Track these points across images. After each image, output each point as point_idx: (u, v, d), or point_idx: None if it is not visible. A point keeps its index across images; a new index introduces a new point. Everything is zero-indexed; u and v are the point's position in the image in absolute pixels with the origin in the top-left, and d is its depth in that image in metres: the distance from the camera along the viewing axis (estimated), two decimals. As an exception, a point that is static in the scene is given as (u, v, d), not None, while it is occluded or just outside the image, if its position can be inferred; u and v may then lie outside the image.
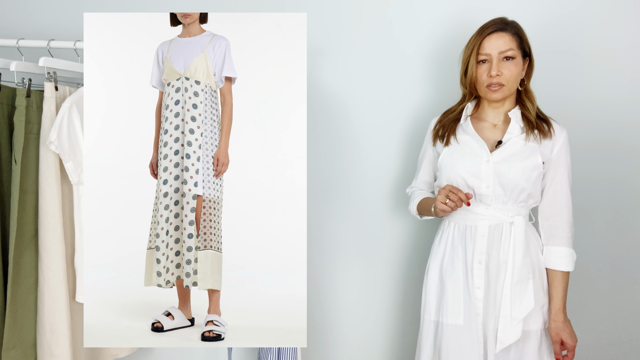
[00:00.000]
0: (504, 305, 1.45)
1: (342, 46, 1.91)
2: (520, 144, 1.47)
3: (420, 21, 1.88)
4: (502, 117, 1.54)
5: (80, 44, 1.64)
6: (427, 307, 1.57)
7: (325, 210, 1.98)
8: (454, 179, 1.50)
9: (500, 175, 1.45)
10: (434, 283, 1.57)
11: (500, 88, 1.46)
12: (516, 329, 1.43)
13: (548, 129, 1.48)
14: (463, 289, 1.50)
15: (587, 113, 1.84)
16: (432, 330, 1.56)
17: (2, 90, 1.55)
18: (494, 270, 1.47)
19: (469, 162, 1.48)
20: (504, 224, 1.47)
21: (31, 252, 1.56)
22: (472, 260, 1.49)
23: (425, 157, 1.67)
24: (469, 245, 1.50)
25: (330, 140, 1.95)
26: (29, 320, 1.56)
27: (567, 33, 1.82)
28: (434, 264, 1.58)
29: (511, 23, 1.48)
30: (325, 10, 1.91)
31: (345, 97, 1.93)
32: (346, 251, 1.99)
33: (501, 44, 1.44)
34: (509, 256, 1.45)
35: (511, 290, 1.44)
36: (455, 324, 1.50)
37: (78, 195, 1.60)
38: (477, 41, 1.47)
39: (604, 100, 1.83)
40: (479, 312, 1.48)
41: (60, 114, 1.52)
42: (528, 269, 1.46)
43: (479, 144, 1.50)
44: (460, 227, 1.53)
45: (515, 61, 1.45)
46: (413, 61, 1.89)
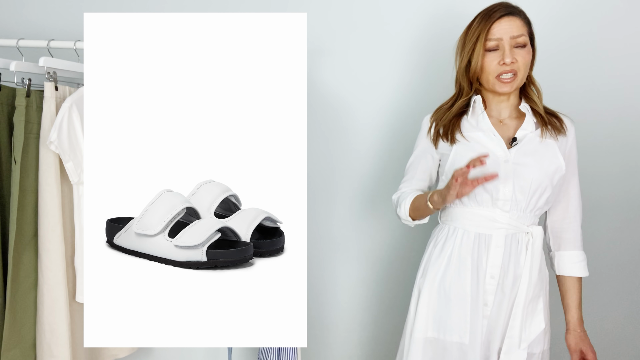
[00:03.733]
0: (513, 324, 1.29)
1: (342, 46, 1.91)
2: (536, 141, 1.31)
3: (420, 21, 1.88)
4: (507, 112, 1.38)
5: (80, 44, 1.65)
6: (419, 322, 1.37)
7: (326, 210, 1.98)
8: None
9: (520, 177, 1.28)
10: (432, 298, 1.37)
11: (513, 78, 1.29)
12: (522, 351, 1.29)
13: (560, 124, 1.34)
14: (470, 305, 1.32)
15: (601, 110, 1.82)
16: (424, 348, 1.37)
17: (2, 90, 1.55)
18: (508, 286, 1.30)
19: (486, 162, 1.29)
20: (521, 234, 1.31)
21: (31, 252, 1.56)
22: (484, 274, 1.31)
23: (422, 160, 1.45)
24: (482, 257, 1.31)
25: (330, 140, 1.95)
26: (28, 320, 1.56)
27: (581, 29, 1.80)
28: (432, 275, 1.38)
29: (518, 7, 1.33)
30: (325, 10, 1.91)
31: (345, 97, 1.93)
32: (346, 251, 1.98)
33: (513, 28, 1.27)
34: (524, 271, 1.29)
35: (523, 310, 1.28)
36: (460, 342, 1.33)
37: (78, 195, 1.60)
38: (485, 26, 1.28)
39: (617, 96, 1.82)
40: (483, 330, 1.32)
41: (60, 114, 1.52)
42: (541, 285, 1.32)
43: (494, 141, 1.32)
44: (470, 235, 1.33)
45: (527, 48, 1.29)
46: (413, 61, 1.89)
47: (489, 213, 1.31)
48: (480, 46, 1.29)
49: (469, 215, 1.34)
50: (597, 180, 1.84)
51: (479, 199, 1.31)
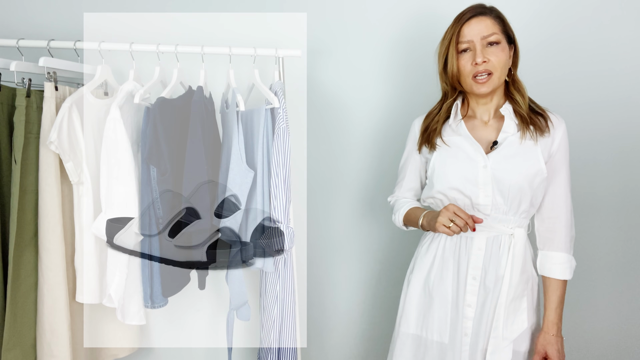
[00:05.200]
0: (496, 324, 1.32)
1: (342, 46, 1.91)
2: (516, 144, 1.32)
3: (421, 21, 1.88)
4: (492, 113, 1.39)
5: (80, 44, 1.64)
6: (406, 318, 1.44)
7: (326, 210, 1.98)
8: (449, 187, 1.35)
9: (500, 182, 1.30)
10: (417, 294, 1.42)
11: (488, 78, 1.30)
12: (507, 350, 1.31)
13: (545, 123, 1.33)
14: (451, 305, 1.37)
15: (596, 113, 1.84)
16: (409, 344, 1.43)
17: (2, 90, 1.55)
18: (489, 287, 1.33)
19: (464, 168, 1.33)
20: (503, 236, 1.33)
21: (31, 252, 1.56)
22: (465, 275, 1.35)
23: (410, 162, 1.51)
24: (462, 259, 1.36)
25: (330, 140, 1.95)
26: (28, 320, 1.56)
27: (573, 31, 1.82)
28: (419, 274, 1.43)
29: (490, 7, 1.33)
30: (324, 10, 1.91)
31: (345, 97, 1.93)
32: (346, 251, 1.99)
33: (482, 28, 1.29)
34: (505, 272, 1.31)
35: (505, 309, 1.31)
36: (439, 341, 1.38)
37: (78, 195, 1.60)
38: (455, 29, 1.31)
39: (612, 100, 1.83)
40: (467, 331, 1.35)
41: (60, 114, 1.52)
42: (524, 285, 1.34)
43: (473, 147, 1.34)
44: (452, 237, 1.38)
45: (500, 46, 1.30)
46: (414, 61, 1.89)
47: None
48: (452, 49, 1.32)
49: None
50: (594, 185, 1.84)
51: (460, 203, 1.35)
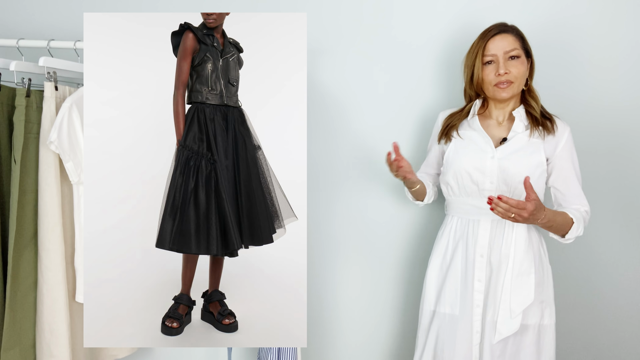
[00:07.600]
0: (504, 297, 1.48)
1: (341, 46, 1.91)
2: (524, 140, 1.51)
3: (420, 20, 1.88)
4: (506, 115, 1.59)
5: (80, 44, 1.64)
6: (427, 297, 1.63)
7: (326, 209, 1.98)
8: (459, 173, 1.54)
9: (504, 171, 1.49)
10: (435, 274, 1.62)
11: (509, 85, 1.50)
12: (515, 321, 1.47)
13: (551, 125, 1.52)
14: (461, 280, 1.55)
15: (593, 116, 1.83)
16: (429, 319, 1.61)
17: (2, 90, 1.55)
18: (495, 263, 1.51)
19: (474, 157, 1.53)
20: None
21: (31, 252, 1.56)
22: (473, 253, 1.53)
23: (431, 151, 1.72)
24: (470, 239, 1.54)
25: (331, 139, 1.95)
26: (28, 320, 1.56)
27: (569, 36, 1.82)
28: (436, 256, 1.63)
29: (512, 26, 1.54)
30: (324, 10, 1.91)
31: (345, 97, 1.93)
32: (346, 251, 1.99)
33: (506, 44, 1.50)
34: (510, 250, 1.49)
35: (511, 283, 1.48)
36: (451, 313, 1.56)
37: (78, 195, 1.60)
38: (481, 44, 1.52)
39: (609, 103, 1.83)
40: (479, 303, 1.52)
41: (60, 114, 1.52)
42: (530, 262, 1.49)
43: (484, 140, 1.55)
44: (462, 220, 1.57)
45: (520, 59, 1.51)
46: (413, 61, 1.89)
47: (476, 202, 1.54)
48: (479, 61, 1.53)
49: (461, 204, 1.58)
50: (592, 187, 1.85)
51: (469, 190, 1.55)
